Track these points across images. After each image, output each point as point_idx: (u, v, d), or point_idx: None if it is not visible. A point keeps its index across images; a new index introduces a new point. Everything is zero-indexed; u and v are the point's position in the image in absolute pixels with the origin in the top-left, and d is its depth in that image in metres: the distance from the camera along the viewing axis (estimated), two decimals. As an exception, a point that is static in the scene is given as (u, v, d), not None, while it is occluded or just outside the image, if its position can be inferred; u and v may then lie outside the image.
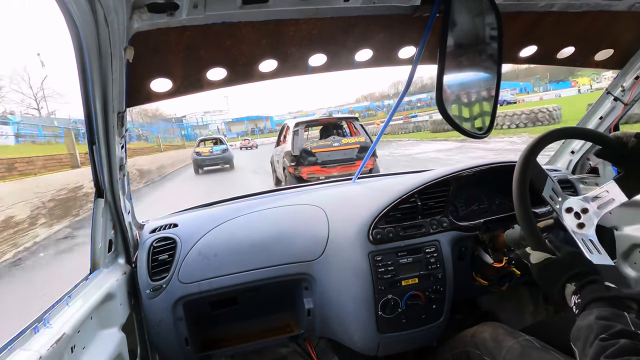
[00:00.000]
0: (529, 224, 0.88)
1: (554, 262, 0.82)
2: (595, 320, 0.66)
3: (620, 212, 1.44)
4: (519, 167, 0.92)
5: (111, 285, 1.03)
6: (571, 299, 0.76)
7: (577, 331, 0.69)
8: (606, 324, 0.65)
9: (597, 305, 0.70)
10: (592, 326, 0.66)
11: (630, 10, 1.09)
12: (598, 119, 1.50)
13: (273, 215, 1.40)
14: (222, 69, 1.00)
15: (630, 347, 0.59)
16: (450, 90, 0.94)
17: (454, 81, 0.95)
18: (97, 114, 0.88)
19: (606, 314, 0.67)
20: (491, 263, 1.25)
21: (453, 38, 0.90)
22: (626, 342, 0.60)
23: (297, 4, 0.84)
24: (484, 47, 0.95)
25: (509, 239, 1.10)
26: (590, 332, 0.65)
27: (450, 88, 0.94)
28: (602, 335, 0.63)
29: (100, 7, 0.69)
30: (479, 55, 0.97)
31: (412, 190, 1.28)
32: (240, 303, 1.33)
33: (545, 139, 0.95)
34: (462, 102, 1.00)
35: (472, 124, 1.00)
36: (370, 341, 1.22)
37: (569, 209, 0.93)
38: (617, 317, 0.66)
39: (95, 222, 1.04)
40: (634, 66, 1.34)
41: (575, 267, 0.79)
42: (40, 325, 0.77)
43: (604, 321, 0.65)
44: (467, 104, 1.01)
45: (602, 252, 0.86)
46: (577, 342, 0.68)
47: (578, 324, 0.70)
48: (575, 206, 0.93)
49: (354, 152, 7.47)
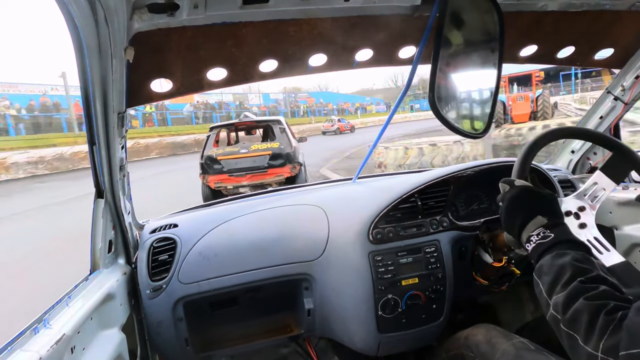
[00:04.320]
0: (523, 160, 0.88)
1: (537, 192, 0.82)
2: (572, 261, 0.67)
3: (620, 211, 1.44)
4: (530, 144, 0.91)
5: (111, 285, 1.03)
6: (536, 230, 0.75)
7: (548, 267, 0.69)
8: (583, 267, 0.66)
9: (569, 247, 0.70)
10: (566, 266, 0.66)
11: (631, 9, 1.09)
12: (598, 118, 1.50)
13: (273, 216, 1.40)
14: (223, 69, 1.00)
15: (610, 294, 0.61)
16: (446, 90, 0.93)
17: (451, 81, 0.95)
18: (97, 114, 0.88)
19: (580, 257, 0.67)
20: (491, 262, 1.24)
21: (453, 38, 0.90)
22: (605, 288, 0.61)
23: (297, 4, 0.84)
24: (485, 47, 0.95)
25: (509, 239, 1.09)
26: (564, 271, 0.66)
27: (446, 88, 0.94)
28: (581, 278, 0.64)
29: (100, 7, 0.69)
30: (479, 54, 0.97)
31: (412, 190, 1.28)
32: (240, 303, 1.33)
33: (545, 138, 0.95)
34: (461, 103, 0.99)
35: (470, 124, 1.00)
36: (370, 341, 1.22)
37: (567, 212, 0.92)
38: (590, 262, 0.67)
39: (95, 222, 1.03)
40: (634, 65, 1.34)
41: (553, 205, 0.80)
42: (40, 326, 0.76)
43: (580, 264, 0.66)
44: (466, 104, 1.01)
45: (610, 249, 0.86)
46: (544, 276, 0.69)
47: (548, 261, 0.70)
48: (572, 207, 0.93)
49: (265, 159, 6.87)
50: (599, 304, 0.59)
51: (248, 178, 6.86)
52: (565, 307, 0.63)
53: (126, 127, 1.00)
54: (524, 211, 0.79)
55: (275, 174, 6.92)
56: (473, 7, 0.92)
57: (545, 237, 0.73)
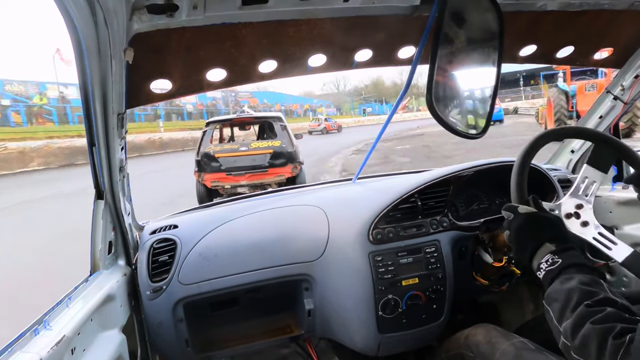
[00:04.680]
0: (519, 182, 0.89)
1: (542, 218, 0.82)
2: (579, 285, 0.67)
3: (620, 211, 1.44)
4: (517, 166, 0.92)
5: (111, 286, 1.03)
6: (545, 257, 0.75)
7: (555, 293, 0.69)
8: (590, 289, 0.65)
9: (577, 271, 0.70)
10: (573, 290, 0.66)
11: (630, 9, 1.09)
12: (598, 118, 1.50)
13: (273, 216, 1.40)
14: (222, 69, 1.00)
15: (616, 316, 0.60)
16: (444, 91, 0.93)
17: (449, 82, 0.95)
18: (96, 116, 0.88)
19: (587, 280, 0.67)
20: (491, 262, 1.24)
21: (453, 38, 0.90)
22: (611, 310, 0.61)
23: (296, 5, 0.84)
24: (484, 47, 0.95)
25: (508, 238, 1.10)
26: (572, 296, 0.66)
27: (444, 89, 0.93)
28: (587, 301, 0.63)
29: (99, 8, 0.69)
30: (479, 55, 0.97)
31: (412, 190, 1.28)
32: (240, 304, 1.33)
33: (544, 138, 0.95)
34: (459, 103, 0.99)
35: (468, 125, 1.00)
36: (370, 341, 1.22)
37: (567, 215, 0.92)
38: (597, 285, 0.67)
39: (95, 223, 1.03)
40: (634, 65, 1.34)
41: (559, 230, 0.81)
42: (40, 327, 0.76)
43: (587, 287, 0.66)
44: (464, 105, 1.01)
45: (617, 242, 0.86)
46: (554, 303, 0.69)
47: (556, 286, 0.70)
48: (570, 208, 0.93)
49: (266, 158, 6.44)
50: (606, 328, 0.58)
51: (247, 177, 6.47)
52: (574, 333, 0.62)
53: (126, 127, 1.00)
54: (531, 240, 0.79)
55: (276, 173, 6.55)
56: (472, 7, 0.92)
57: (553, 264, 0.74)
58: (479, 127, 0.99)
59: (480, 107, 1.01)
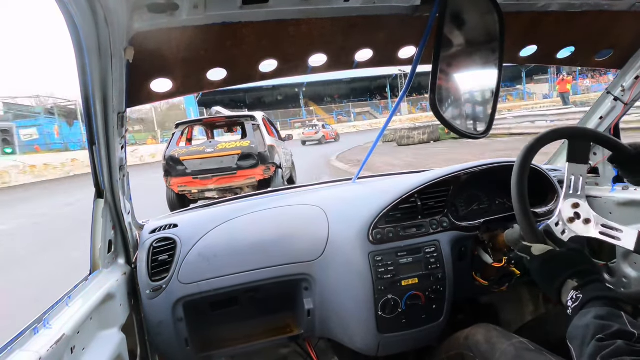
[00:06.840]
0: (527, 221, 0.88)
1: (558, 256, 0.82)
2: (593, 319, 0.66)
3: (620, 211, 1.44)
4: (518, 166, 0.92)
5: (111, 285, 1.03)
6: (569, 294, 0.76)
7: (574, 330, 0.69)
8: (603, 323, 0.65)
9: (595, 304, 0.70)
10: (589, 325, 0.66)
11: (631, 10, 1.09)
12: (598, 118, 1.49)
13: (273, 216, 1.40)
14: (222, 69, 1.00)
15: (625, 349, 0.59)
16: (447, 91, 0.93)
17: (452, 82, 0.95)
18: (97, 114, 0.88)
19: (603, 313, 0.67)
20: (491, 263, 1.25)
21: (453, 38, 0.90)
22: (622, 343, 0.60)
23: (297, 4, 0.84)
24: (485, 47, 0.95)
25: (508, 239, 1.10)
26: (588, 332, 0.65)
27: (448, 89, 0.94)
28: (599, 335, 0.63)
29: (100, 7, 0.69)
30: (480, 55, 0.97)
31: (412, 190, 1.28)
32: (240, 303, 1.33)
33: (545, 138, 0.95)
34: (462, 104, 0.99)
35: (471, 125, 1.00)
36: (370, 341, 1.22)
37: (570, 219, 0.92)
38: (614, 317, 0.66)
39: (95, 222, 1.03)
40: (634, 66, 1.33)
41: (578, 263, 0.80)
42: (40, 326, 0.76)
43: (601, 321, 0.65)
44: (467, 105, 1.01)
45: (622, 229, 0.87)
46: (574, 341, 0.68)
47: (575, 323, 0.70)
48: (569, 211, 0.93)
49: (234, 160, 6.06)
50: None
51: (215, 181, 6.07)
52: None
53: (126, 127, 1.00)
54: (555, 280, 0.80)
55: (245, 176, 6.13)
56: (473, 7, 0.92)
57: (577, 299, 0.74)
58: (483, 127, 0.99)
59: (483, 108, 1.01)
